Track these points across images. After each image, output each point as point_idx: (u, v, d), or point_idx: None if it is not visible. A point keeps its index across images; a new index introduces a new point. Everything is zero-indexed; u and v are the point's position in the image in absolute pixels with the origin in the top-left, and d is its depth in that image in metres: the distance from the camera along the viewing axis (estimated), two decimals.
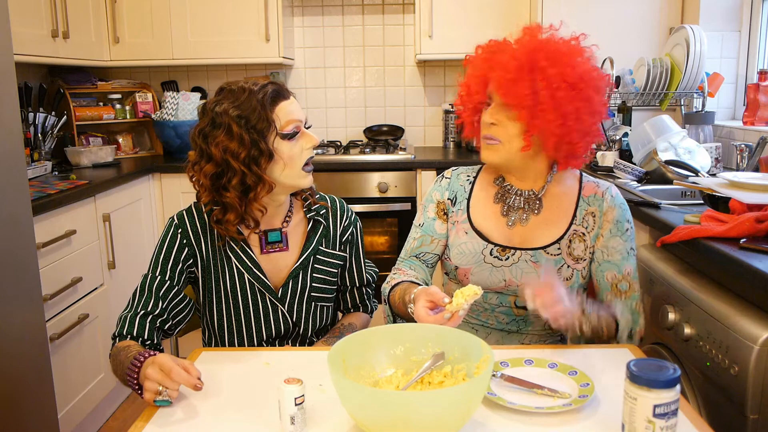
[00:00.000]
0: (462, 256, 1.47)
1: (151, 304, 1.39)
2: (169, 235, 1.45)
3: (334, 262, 1.55)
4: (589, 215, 1.46)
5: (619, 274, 1.43)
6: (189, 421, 1.07)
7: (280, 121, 1.38)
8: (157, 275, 1.42)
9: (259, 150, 1.35)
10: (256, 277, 1.46)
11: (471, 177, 1.54)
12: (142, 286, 1.42)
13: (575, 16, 3.05)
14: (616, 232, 1.44)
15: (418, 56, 3.35)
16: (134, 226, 2.93)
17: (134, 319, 1.37)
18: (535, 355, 1.24)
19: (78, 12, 2.98)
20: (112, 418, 2.71)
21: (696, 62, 2.66)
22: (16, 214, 1.74)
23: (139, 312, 1.38)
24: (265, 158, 1.36)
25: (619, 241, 1.44)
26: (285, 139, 1.38)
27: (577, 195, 1.47)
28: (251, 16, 3.28)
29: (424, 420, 0.91)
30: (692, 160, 2.32)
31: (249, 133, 1.35)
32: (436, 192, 1.55)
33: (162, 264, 1.43)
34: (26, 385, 1.78)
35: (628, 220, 1.46)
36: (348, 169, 3.15)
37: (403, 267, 1.53)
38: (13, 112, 1.72)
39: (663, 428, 0.90)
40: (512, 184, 1.48)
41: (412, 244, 1.54)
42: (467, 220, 1.49)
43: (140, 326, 1.36)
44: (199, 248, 1.46)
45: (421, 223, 1.54)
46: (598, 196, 1.47)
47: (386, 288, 1.47)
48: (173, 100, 3.38)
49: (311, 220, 1.52)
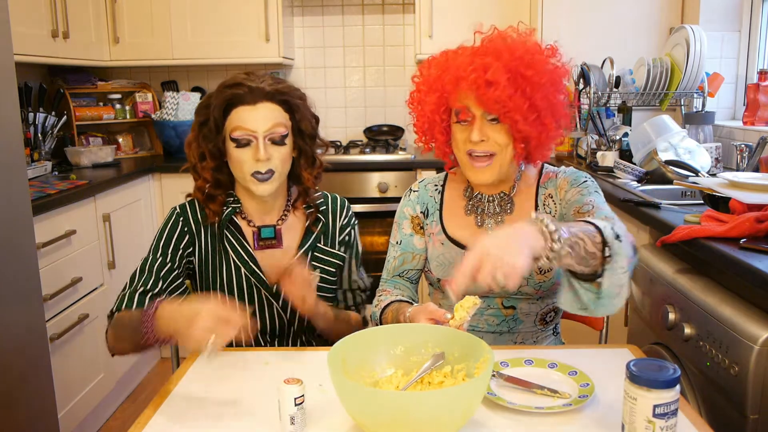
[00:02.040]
0: (442, 268, 1.46)
1: (150, 282, 1.40)
2: (170, 222, 1.47)
3: (332, 260, 1.54)
4: (548, 198, 1.44)
5: (580, 203, 1.35)
6: (189, 421, 1.07)
7: (230, 125, 1.40)
8: (158, 257, 1.44)
9: (201, 147, 1.43)
10: (252, 271, 1.46)
11: (439, 186, 1.53)
12: (141, 267, 1.43)
13: (575, 16, 3.05)
14: (571, 187, 1.41)
15: (418, 56, 3.35)
16: (134, 226, 2.93)
17: (133, 296, 1.37)
18: (535, 355, 1.24)
19: (78, 12, 2.98)
20: (112, 418, 2.71)
21: (696, 62, 2.66)
22: (16, 214, 1.74)
23: (138, 289, 1.39)
24: (210, 155, 1.43)
25: (577, 189, 1.40)
26: (232, 143, 1.40)
27: (536, 185, 1.46)
28: (251, 16, 3.28)
29: (424, 420, 0.91)
30: (692, 160, 2.32)
31: (199, 127, 1.43)
32: (407, 207, 1.53)
33: (162, 248, 1.45)
34: (26, 385, 1.78)
35: (586, 176, 1.43)
36: (348, 169, 3.15)
37: (387, 287, 1.51)
38: (13, 112, 1.72)
39: (663, 428, 0.90)
40: (482, 193, 1.47)
41: (393, 263, 1.52)
42: (442, 231, 1.47)
43: (139, 302, 1.36)
44: (199, 238, 1.47)
45: (398, 241, 1.52)
46: (552, 178, 1.46)
47: (376, 312, 1.45)
48: (173, 100, 3.38)
49: (309, 217, 1.52)
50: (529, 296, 1.43)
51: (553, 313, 1.49)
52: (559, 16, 3.07)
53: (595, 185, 1.41)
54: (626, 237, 1.17)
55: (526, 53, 1.32)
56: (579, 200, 1.37)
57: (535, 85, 1.31)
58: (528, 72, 1.30)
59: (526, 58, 1.31)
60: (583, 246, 1.10)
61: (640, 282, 1.80)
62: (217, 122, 1.41)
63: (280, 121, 1.41)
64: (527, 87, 1.30)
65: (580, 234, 1.10)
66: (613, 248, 1.12)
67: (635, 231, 2.01)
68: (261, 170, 1.39)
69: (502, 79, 1.28)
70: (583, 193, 1.38)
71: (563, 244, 1.06)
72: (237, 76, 1.42)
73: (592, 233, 1.12)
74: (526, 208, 1.44)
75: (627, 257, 1.14)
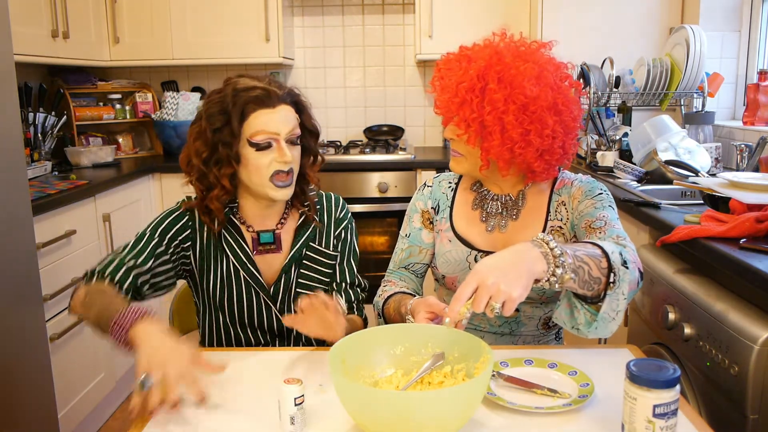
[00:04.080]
0: (447, 265, 1.46)
1: (142, 257, 1.38)
2: (175, 213, 1.46)
3: (325, 260, 1.54)
4: (560, 206, 1.43)
5: (593, 217, 1.34)
6: (189, 422, 1.07)
7: (250, 129, 1.37)
8: (155, 237, 1.42)
9: (219, 153, 1.36)
10: (249, 273, 1.46)
11: (453, 183, 1.54)
12: (137, 239, 1.41)
13: (575, 16, 3.05)
14: (585, 198, 1.39)
15: (418, 56, 3.35)
16: (134, 227, 2.91)
17: (120, 266, 1.35)
18: (535, 355, 1.24)
19: (78, 12, 2.98)
20: (112, 418, 2.71)
21: (696, 62, 2.66)
22: (16, 214, 1.74)
23: (127, 262, 1.36)
24: (225, 162, 1.37)
25: (591, 201, 1.38)
26: (252, 147, 1.37)
27: (550, 191, 1.46)
28: (251, 16, 3.28)
29: (424, 420, 0.91)
30: (692, 160, 2.32)
31: (213, 134, 1.36)
32: (419, 201, 1.54)
33: (161, 232, 1.43)
34: (26, 385, 1.78)
35: (601, 188, 1.41)
36: (348, 169, 3.15)
37: (392, 279, 1.52)
38: (13, 112, 1.72)
39: (663, 428, 0.90)
40: (489, 190, 1.47)
41: (400, 255, 1.53)
42: (450, 228, 1.48)
43: (123, 276, 1.34)
44: (201, 236, 1.46)
45: (407, 234, 1.53)
46: (567, 185, 1.45)
47: (379, 301, 1.46)
48: (173, 100, 3.38)
49: (302, 215, 1.51)
50: (533, 300, 1.43)
51: None
52: (559, 16, 3.07)
53: (610, 198, 1.40)
54: (634, 263, 1.17)
55: (505, 68, 1.29)
56: (591, 213, 1.35)
57: (505, 108, 1.28)
58: (498, 95, 1.28)
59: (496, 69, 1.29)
60: (587, 270, 1.09)
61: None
62: (236, 127, 1.37)
63: (296, 123, 1.42)
64: (490, 106, 1.28)
65: (585, 258, 1.10)
66: (618, 275, 1.11)
67: (635, 231, 2.01)
68: (285, 170, 1.39)
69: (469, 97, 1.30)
70: (597, 206, 1.36)
71: (566, 269, 1.06)
72: (244, 79, 1.40)
73: (599, 258, 1.11)
74: (533, 215, 1.44)
75: (631, 284, 1.14)
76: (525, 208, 1.45)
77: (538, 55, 1.34)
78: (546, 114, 1.30)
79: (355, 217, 1.63)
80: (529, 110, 1.29)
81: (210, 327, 1.52)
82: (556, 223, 1.42)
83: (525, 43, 1.36)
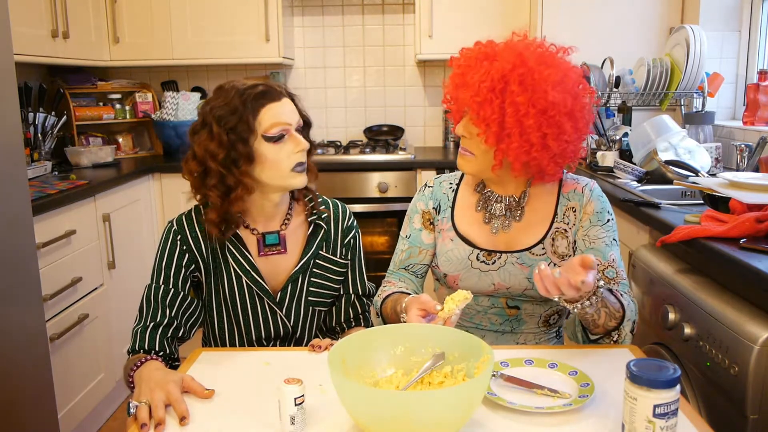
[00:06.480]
0: (449, 263, 1.46)
1: (159, 314, 1.39)
2: (169, 243, 1.44)
3: (334, 268, 1.53)
4: (569, 211, 1.44)
5: (604, 260, 1.39)
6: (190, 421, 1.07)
7: (264, 124, 1.36)
8: (161, 284, 1.42)
9: (237, 152, 1.35)
10: (253, 280, 1.45)
11: (454, 184, 1.54)
12: (147, 297, 1.41)
13: (575, 16, 3.05)
14: (596, 222, 1.42)
15: (418, 56, 3.35)
16: (134, 226, 2.93)
17: (144, 333, 1.37)
18: (535, 355, 1.24)
19: (78, 12, 2.98)
20: (112, 418, 2.71)
21: (696, 62, 2.66)
22: (16, 214, 1.74)
23: (148, 325, 1.38)
24: (244, 160, 1.35)
25: (600, 230, 1.41)
26: (269, 141, 1.37)
27: (557, 192, 1.46)
28: (251, 16, 3.28)
29: (424, 420, 0.91)
30: (692, 160, 2.32)
31: (228, 134, 1.35)
32: (420, 202, 1.54)
33: (165, 272, 1.43)
34: (26, 385, 1.78)
35: (609, 212, 1.44)
36: (348, 169, 3.14)
37: (392, 279, 1.52)
38: (13, 112, 1.72)
39: (663, 428, 0.90)
40: (493, 191, 1.48)
41: (401, 256, 1.53)
42: (452, 228, 1.48)
43: (151, 339, 1.36)
44: (200, 252, 1.45)
45: (408, 235, 1.53)
46: (578, 191, 1.45)
47: (378, 301, 1.47)
48: (173, 100, 3.38)
49: (312, 224, 1.51)
50: (534, 298, 1.43)
51: (556, 315, 1.49)
52: (559, 16, 3.07)
53: (614, 225, 1.44)
54: (635, 317, 1.32)
55: (528, 71, 1.29)
56: (600, 248, 1.40)
57: (526, 111, 1.29)
58: (520, 97, 1.29)
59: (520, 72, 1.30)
60: (595, 318, 1.25)
61: (640, 282, 1.80)
62: (251, 122, 1.36)
63: (298, 114, 1.44)
64: (512, 108, 1.29)
65: (609, 309, 1.26)
66: (621, 336, 1.31)
67: (635, 231, 2.01)
68: (302, 160, 1.40)
69: (490, 98, 1.30)
70: (606, 241, 1.40)
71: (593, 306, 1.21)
72: (240, 81, 1.40)
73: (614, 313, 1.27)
74: (538, 216, 1.45)
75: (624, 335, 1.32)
76: (529, 208, 1.45)
77: (560, 60, 1.35)
78: (564, 119, 1.31)
79: (356, 217, 1.63)
80: (549, 114, 1.30)
81: (212, 329, 1.52)
82: (561, 226, 1.43)
83: (545, 45, 1.36)
